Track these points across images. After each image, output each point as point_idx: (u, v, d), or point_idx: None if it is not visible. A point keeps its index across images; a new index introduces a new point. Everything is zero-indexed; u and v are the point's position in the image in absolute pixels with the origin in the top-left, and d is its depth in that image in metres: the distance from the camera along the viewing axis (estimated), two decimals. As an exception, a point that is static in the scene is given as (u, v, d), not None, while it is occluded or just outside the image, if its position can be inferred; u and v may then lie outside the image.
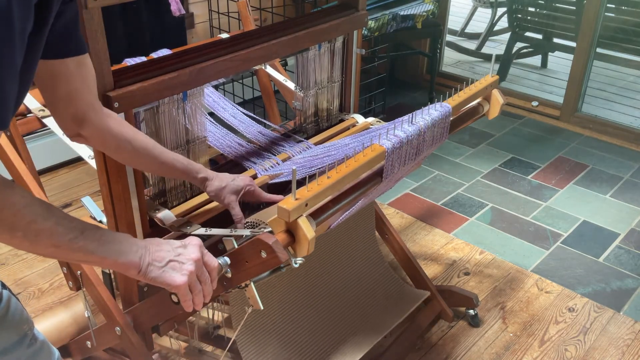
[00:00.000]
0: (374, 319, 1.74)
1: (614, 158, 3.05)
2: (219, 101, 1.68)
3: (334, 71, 1.69)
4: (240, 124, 1.64)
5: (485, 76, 1.50)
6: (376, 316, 1.76)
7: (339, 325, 1.68)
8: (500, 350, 1.88)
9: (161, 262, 0.96)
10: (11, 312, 1.00)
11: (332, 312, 1.69)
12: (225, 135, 1.57)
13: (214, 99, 1.68)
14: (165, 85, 1.22)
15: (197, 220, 1.33)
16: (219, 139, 1.56)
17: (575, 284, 2.17)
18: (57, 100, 1.02)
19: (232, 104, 1.68)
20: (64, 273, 1.50)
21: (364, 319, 1.74)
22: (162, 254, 0.96)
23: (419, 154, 1.29)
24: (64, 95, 1.01)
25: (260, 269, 1.09)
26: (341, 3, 1.67)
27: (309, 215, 1.08)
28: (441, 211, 2.58)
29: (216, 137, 1.56)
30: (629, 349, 1.89)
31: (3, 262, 2.21)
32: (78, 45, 0.98)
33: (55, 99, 1.02)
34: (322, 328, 1.64)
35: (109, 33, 1.08)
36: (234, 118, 1.65)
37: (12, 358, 1.00)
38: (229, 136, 1.58)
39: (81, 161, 2.73)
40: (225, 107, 1.67)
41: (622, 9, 3.52)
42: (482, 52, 4.50)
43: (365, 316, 1.74)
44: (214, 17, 3.23)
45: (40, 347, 1.06)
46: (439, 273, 2.21)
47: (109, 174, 1.22)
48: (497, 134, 3.27)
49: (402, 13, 3.16)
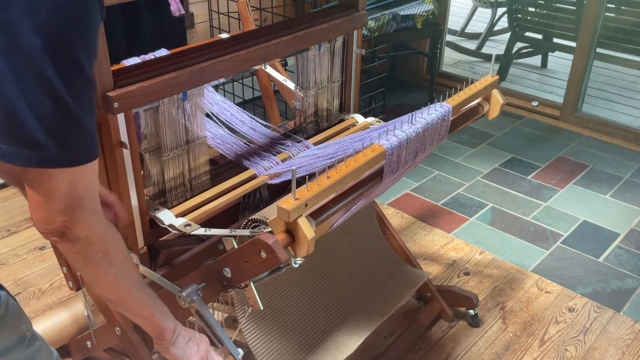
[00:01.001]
0: (377, 300, 1.73)
1: (614, 158, 3.05)
2: (219, 102, 1.68)
3: (334, 71, 1.69)
4: (240, 125, 1.64)
5: (485, 76, 1.50)
6: (378, 297, 1.74)
7: (340, 307, 1.66)
8: (500, 350, 1.88)
9: (186, 337, 1.10)
10: (9, 312, 1.00)
11: (333, 294, 1.67)
12: (225, 136, 1.57)
13: (214, 100, 1.68)
14: (165, 85, 1.22)
15: (197, 220, 1.33)
16: (218, 139, 1.56)
17: (575, 284, 2.17)
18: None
19: (231, 104, 1.68)
20: (64, 273, 1.50)
21: (367, 299, 1.72)
22: (186, 334, 1.11)
23: (419, 153, 1.29)
24: None
25: (260, 269, 1.10)
26: (341, 3, 1.67)
27: (308, 216, 1.08)
28: (441, 211, 2.58)
29: (216, 137, 1.56)
30: (629, 349, 1.89)
31: (3, 262, 2.21)
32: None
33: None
34: (324, 310, 1.63)
35: (108, 33, 1.08)
36: (233, 118, 1.65)
37: (12, 358, 1.01)
38: (229, 136, 1.58)
39: (81, 161, 2.73)
40: (225, 108, 1.67)
41: (622, 9, 3.52)
42: (482, 52, 4.50)
43: (368, 297, 1.73)
44: (214, 17, 3.23)
45: (39, 348, 1.07)
46: (439, 273, 2.21)
47: (109, 174, 1.22)
48: (497, 134, 3.27)
49: (402, 13, 3.16)
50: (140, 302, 0.99)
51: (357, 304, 1.70)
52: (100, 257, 0.88)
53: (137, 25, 2.89)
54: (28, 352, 1.04)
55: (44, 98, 0.72)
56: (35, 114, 0.72)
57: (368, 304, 1.71)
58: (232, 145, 1.56)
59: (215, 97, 1.69)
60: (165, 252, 1.44)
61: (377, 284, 1.78)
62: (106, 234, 0.88)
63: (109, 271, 0.90)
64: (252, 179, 1.48)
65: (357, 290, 1.73)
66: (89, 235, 0.85)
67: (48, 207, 0.80)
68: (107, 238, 0.89)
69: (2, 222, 2.42)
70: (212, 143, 1.53)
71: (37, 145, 0.74)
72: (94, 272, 0.91)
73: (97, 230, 0.86)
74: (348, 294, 1.70)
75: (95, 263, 0.89)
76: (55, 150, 0.75)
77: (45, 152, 0.75)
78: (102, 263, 0.89)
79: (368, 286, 1.75)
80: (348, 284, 1.72)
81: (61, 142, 0.75)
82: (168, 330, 1.06)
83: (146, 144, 1.29)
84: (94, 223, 0.85)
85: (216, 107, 1.66)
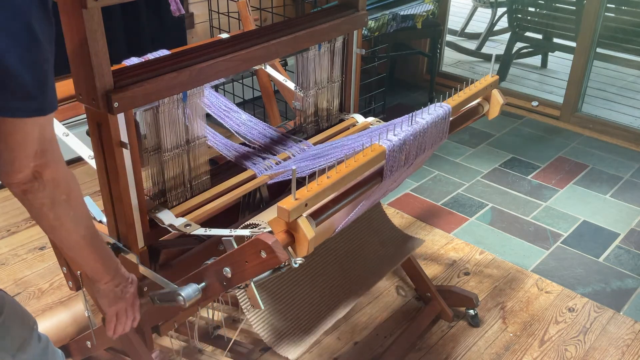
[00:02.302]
0: (370, 267, 1.71)
1: (614, 158, 3.05)
2: (218, 103, 1.68)
3: (334, 71, 1.69)
4: (240, 126, 1.64)
5: (485, 76, 1.50)
6: (372, 263, 1.72)
7: (333, 275, 1.64)
8: (500, 350, 1.88)
9: (116, 286, 1.18)
10: (15, 309, 1.02)
11: (331, 262, 1.65)
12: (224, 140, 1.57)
13: (213, 101, 1.68)
14: (165, 85, 1.22)
15: (197, 220, 1.33)
16: (218, 139, 1.56)
17: (575, 284, 2.17)
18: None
19: (231, 104, 1.68)
20: (64, 273, 1.50)
21: (362, 266, 1.70)
22: (118, 281, 1.18)
23: (419, 154, 1.29)
24: None
25: (260, 269, 1.10)
26: (341, 3, 1.67)
27: (308, 216, 1.08)
28: (441, 211, 2.58)
29: (216, 137, 1.56)
30: (629, 349, 1.89)
31: (3, 262, 2.21)
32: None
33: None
34: (323, 278, 1.61)
35: (109, 33, 1.08)
36: (233, 120, 1.65)
37: (28, 354, 1.04)
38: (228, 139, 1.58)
39: (81, 161, 2.71)
40: (224, 109, 1.67)
41: (622, 9, 3.52)
42: (482, 52, 4.50)
43: (363, 263, 1.71)
44: (214, 17, 3.23)
45: (46, 344, 1.09)
46: (439, 273, 2.21)
47: (109, 174, 1.22)
48: (497, 134, 3.27)
49: (402, 13, 3.16)
50: (91, 247, 1.05)
51: (349, 271, 1.67)
52: (64, 198, 0.95)
53: (137, 25, 2.89)
54: (41, 347, 1.07)
55: (31, 50, 0.77)
56: (27, 67, 0.77)
57: (361, 271, 1.68)
58: (232, 145, 1.56)
59: (213, 98, 1.69)
60: (165, 252, 1.44)
61: (371, 250, 1.75)
62: (69, 177, 0.95)
63: (69, 213, 0.97)
64: (252, 179, 1.48)
65: (349, 257, 1.70)
66: (56, 177, 0.92)
67: (22, 154, 0.86)
68: (70, 181, 0.96)
69: (2, 222, 2.42)
70: (212, 143, 1.53)
71: (29, 96, 0.80)
72: (56, 215, 0.96)
73: (63, 173, 0.93)
74: (343, 256, 1.68)
75: (59, 205, 0.95)
76: (42, 99, 0.82)
77: (36, 102, 0.81)
78: (64, 205, 0.95)
79: (360, 253, 1.72)
80: (345, 250, 1.69)
81: (45, 92, 0.82)
82: (105, 279, 1.14)
83: (146, 144, 1.29)
84: (61, 166, 0.93)
85: (215, 110, 1.66)
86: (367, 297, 2.06)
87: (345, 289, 1.62)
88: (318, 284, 1.60)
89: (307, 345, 1.45)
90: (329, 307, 1.57)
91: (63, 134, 1.44)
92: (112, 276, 1.15)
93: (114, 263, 1.16)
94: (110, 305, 1.20)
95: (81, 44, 1.07)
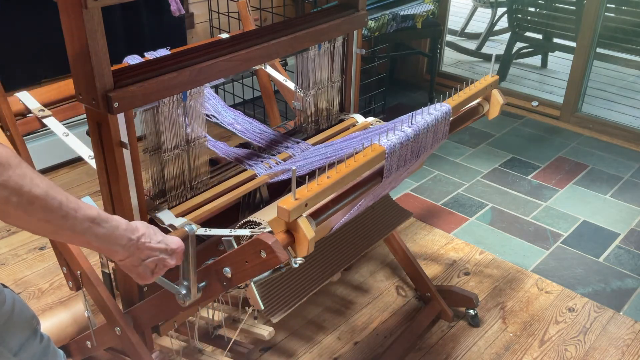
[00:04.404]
0: (362, 233, 1.69)
1: (614, 158, 3.05)
2: (218, 104, 1.68)
3: (334, 71, 1.69)
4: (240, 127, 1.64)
5: (485, 76, 1.50)
6: (364, 230, 1.70)
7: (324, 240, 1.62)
8: (500, 350, 1.88)
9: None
10: (18, 308, 1.02)
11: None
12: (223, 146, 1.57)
13: (213, 101, 1.68)
14: (165, 85, 1.22)
15: (197, 220, 1.33)
16: (218, 142, 1.56)
17: (575, 284, 2.17)
18: None
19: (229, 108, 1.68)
20: (64, 273, 1.50)
21: (355, 232, 1.68)
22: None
23: (419, 153, 1.29)
24: None
25: (260, 269, 1.10)
26: (341, 3, 1.67)
27: (308, 216, 1.08)
28: (441, 211, 2.58)
29: (216, 143, 1.56)
30: (629, 349, 1.89)
31: (3, 262, 2.21)
32: None
33: None
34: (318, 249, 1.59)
35: (109, 33, 1.08)
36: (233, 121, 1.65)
37: (29, 353, 1.03)
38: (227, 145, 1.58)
39: (81, 161, 2.72)
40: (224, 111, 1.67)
41: (622, 9, 3.52)
42: (482, 52, 4.50)
43: (356, 229, 1.69)
44: (214, 17, 3.23)
45: (48, 344, 1.09)
46: (439, 273, 2.21)
47: (109, 174, 1.22)
48: (497, 134, 3.27)
49: (402, 13, 3.16)
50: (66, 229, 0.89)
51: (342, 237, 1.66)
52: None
53: (137, 25, 2.89)
54: (42, 347, 1.06)
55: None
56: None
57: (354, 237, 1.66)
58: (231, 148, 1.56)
59: (213, 99, 1.69)
60: (165, 252, 1.43)
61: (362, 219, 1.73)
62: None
63: (11, 199, 0.79)
64: (252, 179, 1.48)
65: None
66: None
67: None
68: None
69: (2, 222, 2.42)
70: (212, 144, 1.53)
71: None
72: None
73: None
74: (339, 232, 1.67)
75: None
76: None
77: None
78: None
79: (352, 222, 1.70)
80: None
81: None
82: (117, 256, 0.98)
83: (146, 144, 1.30)
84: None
85: (215, 111, 1.66)
86: (367, 297, 2.06)
87: (340, 253, 1.59)
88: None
89: (292, 307, 1.41)
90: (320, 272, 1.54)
91: (63, 134, 1.44)
92: (127, 252, 0.97)
93: (116, 238, 0.95)
94: (145, 281, 1.06)
95: (81, 44, 1.07)
